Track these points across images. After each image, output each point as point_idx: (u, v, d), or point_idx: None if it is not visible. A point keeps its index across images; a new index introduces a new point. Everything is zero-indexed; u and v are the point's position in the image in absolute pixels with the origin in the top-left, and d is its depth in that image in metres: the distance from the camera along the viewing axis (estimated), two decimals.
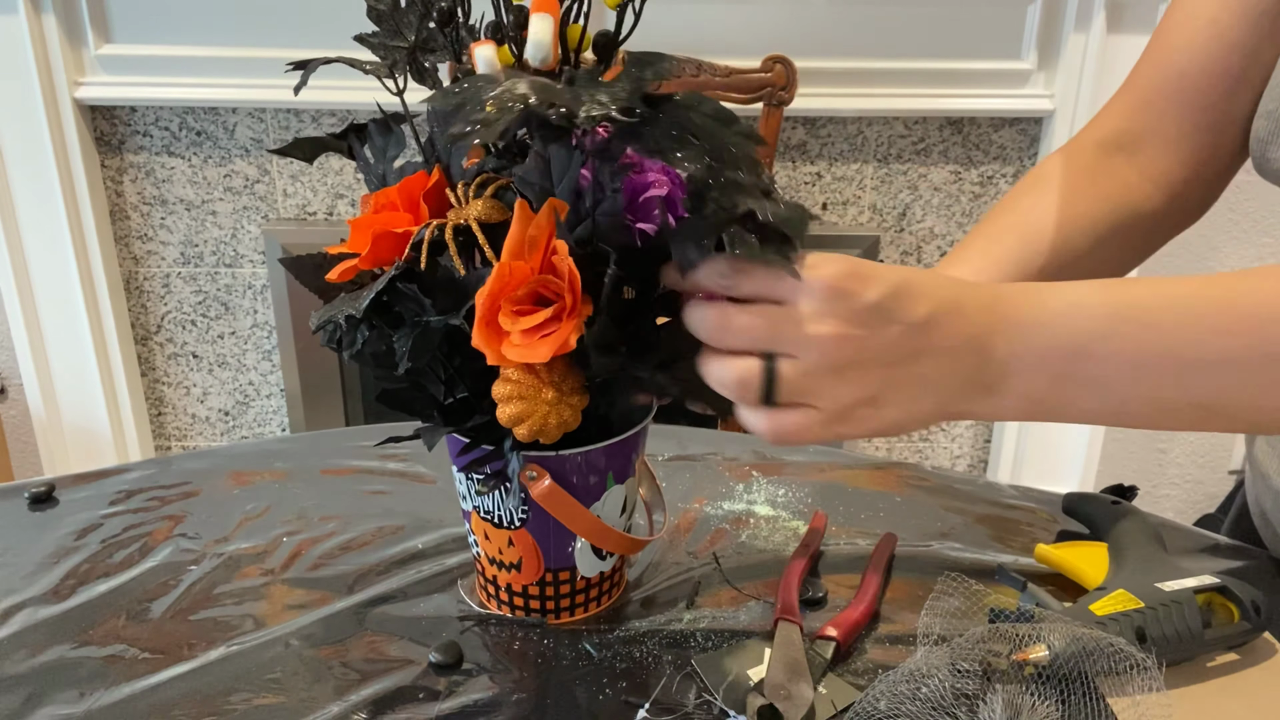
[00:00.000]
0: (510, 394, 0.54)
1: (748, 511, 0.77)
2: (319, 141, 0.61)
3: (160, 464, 0.84)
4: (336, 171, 1.80)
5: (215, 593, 0.67)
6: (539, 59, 0.52)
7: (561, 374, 0.54)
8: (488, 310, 0.51)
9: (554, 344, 0.50)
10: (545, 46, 0.52)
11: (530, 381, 0.53)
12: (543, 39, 0.52)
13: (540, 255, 0.52)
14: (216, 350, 1.93)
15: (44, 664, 0.61)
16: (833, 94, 1.70)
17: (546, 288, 0.52)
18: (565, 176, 0.52)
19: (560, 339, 0.50)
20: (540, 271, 0.52)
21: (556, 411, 0.54)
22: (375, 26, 0.58)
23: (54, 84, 1.69)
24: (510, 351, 0.51)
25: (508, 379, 0.54)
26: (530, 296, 0.52)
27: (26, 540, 0.73)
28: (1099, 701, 0.51)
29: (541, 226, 0.52)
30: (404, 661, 0.61)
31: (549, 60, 0.52)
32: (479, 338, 0.51)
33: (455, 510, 0.76)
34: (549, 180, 0.53)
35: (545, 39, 0.52)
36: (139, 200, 1.82)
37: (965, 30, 1.67)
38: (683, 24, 1.65)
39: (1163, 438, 1.98)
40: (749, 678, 0.58)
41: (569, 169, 0.52)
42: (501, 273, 0.51)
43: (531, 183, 0.53)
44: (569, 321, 0.51)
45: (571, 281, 0.51)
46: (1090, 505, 0.73)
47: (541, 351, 0.50)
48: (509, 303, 0.51)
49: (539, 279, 0.52)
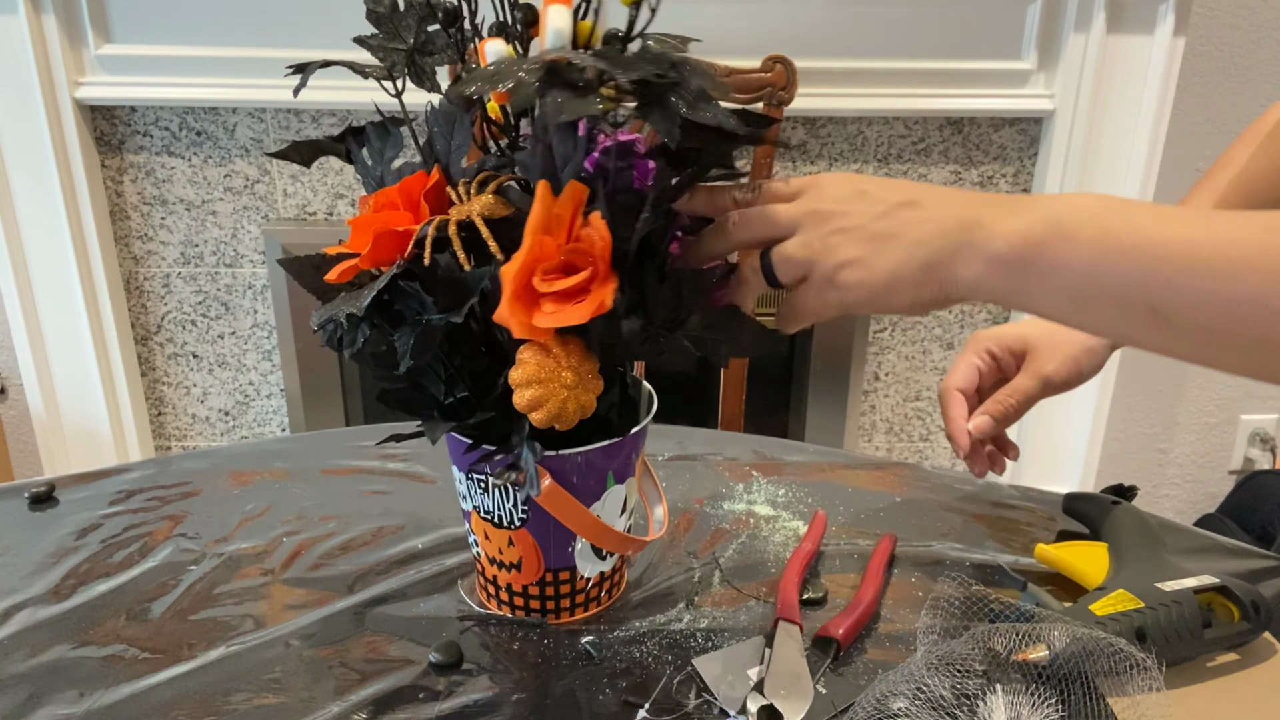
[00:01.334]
0: (528, 378, 0.53)
1: (748, 511, 0.77)
2: (316, 145, 0.61)
3: (160, 464, 0.84)
4: (337, 172, 1.80)
5: (215, 593, 0.67)
6: (560, 45, 0.53)
7: (579, 358, 0.54)
8: (519, 283, 0.51)
9: (591, 306, 0.50)
10: (565, 35, 0.52)
11: (549, 365, 0.53)
12: (562, 27, 0.52)
13: (566, 232, 0.52)
14: (216, 350, 1.93)
15: (44, 664, 0.61)
16: (833, 94, 1.70)
17: (576, 258, 0.52)
18: (570, 163, 0.53)
19: (595, 300, 0.50)
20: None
21: (575, 396, 0.54)
22: (374, 29, 0.58)
23: (54, 84, 1.69)
24: (543, 320, 0.51)
25: (525, 362, 0.53)
26: (560, 268, 0.52)
27: (26, 540, 0.73)
28: (1099, 701, 0.51)
29: (566, 204, 0.52)
30: (404, 661, 0.61)
31: (568, 49, 0.53)
32: (507, 310, 0.51)
33: (455, 510, 0.76)
34: (552, 165, 0.53)
35: (565, 27, 0.52)
36: (139, 200, 1.82)
37: (965, 30, 1.67)
38: (683, 24, 1.64)
39: (1163, 437, 1.98)
40: (749, 678, 0.58)
41: (573, 155, 0.53)
42: (534, 245, 0.51)
43: (534, 169, 0.53)
44: (604, 286, 0.51)
45: (603, 248, 0.51)
46: (1090, 505, 0.73)
47: (579, 313, 0.50)
48: (542, 272, 0.52)
49: (571, 247, 0.52)
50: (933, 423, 1.95)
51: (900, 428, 1.96)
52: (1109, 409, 1.84)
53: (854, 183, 0.56)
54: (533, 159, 0.53)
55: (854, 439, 1.93)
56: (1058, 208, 0.52)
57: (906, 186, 0.55)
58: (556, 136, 0.53)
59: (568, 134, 0.52)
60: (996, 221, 0.53)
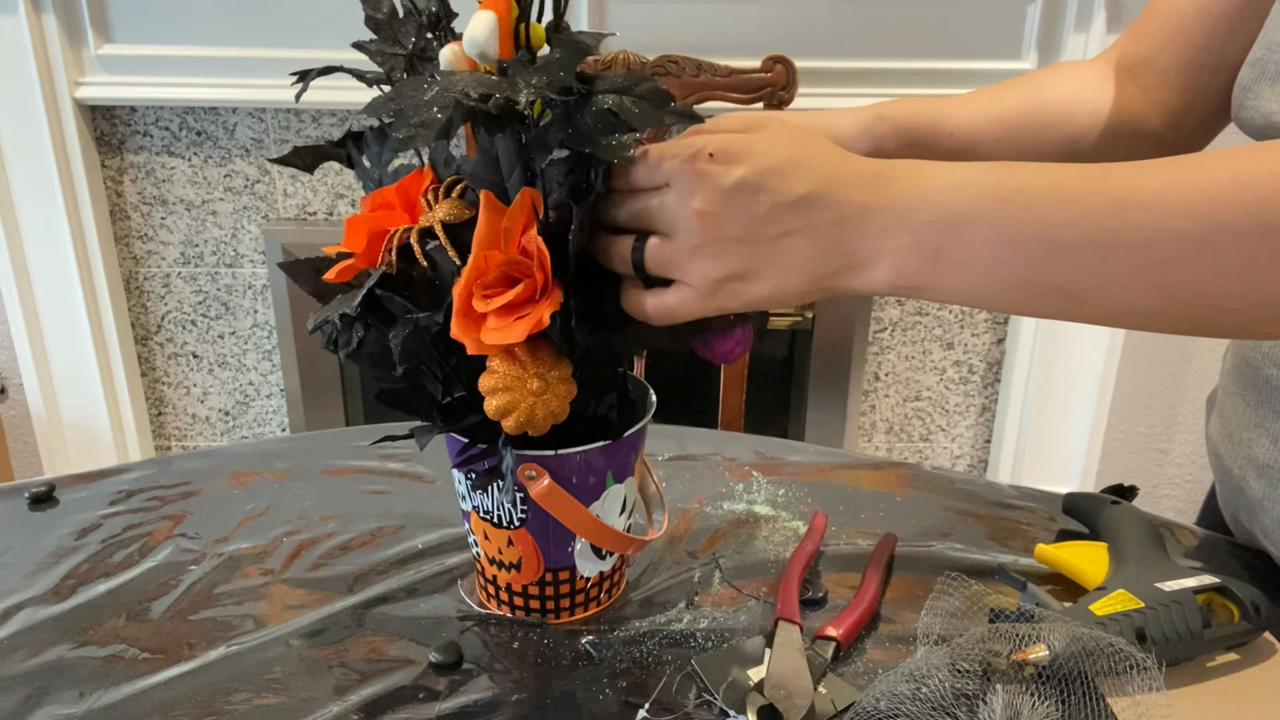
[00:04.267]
0: (495, 385, 0.54)
1: (748, 511, 0.77)
2: (318, 150, 0.61)
3: (160, 464, 0.84)
4: (337, 172, 1.80)
5: (215, 593, 0.67)
6: (477, 54, 0.52)
7: (546, 363, 0.54)
8: (463, 300, 0.51)
9: (529, 323, 0.50)
10: (482, 42, 0.51)
11: (514, 372, 0.53)
12: (477, 35, 0.51)
13: (515, 244, 0.52)
14: (217, 350, 1.93)
15: (44, 664, 0.61)
16: (833, 94, 1.70)
17: (516, 269, 0.52)
18: (515, 169, 0.53)
19: (535, 318, 0.51)
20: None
21: (543, 402, 0.54)
22: (373, 34, 0.58)
23: (54, 84, 1.69)
24: (487, 336, 0.51)
25: (493, 370, 0.54)
26: (502, 280, 0.52)
27: (26, 540, 0.73)
28: (1099, 701, 0.51)
29: (516, 217, 0.52)
30: (404, 661, 0.61)
31: (491, 57, 0.52)
32: (457, 328, 0.51)
33: (455, 510, 0.76)
34: (498, 175, 0.53)
35: (481, 34, 0.51)
36: (139, 200, 1.82)
37: (965, 30, 1.67)
38: (683, 24, 1.65)
39: (1163, 437, 1.98)
40: (749, 678, 0.58)
41: (518, 162, 0.52)
42: (476, 262, 0.51)
43: (481, 178, 0.53)
44: (543, 301, 0.51)
45: (541, 260, 0.51)
46: (1090, 505, 0.73)
47: (517, 331, 0.50)
48: (480, 287, 0.52)
49: (507, 260, 0.52)
50: (932, 423, 1.95)
51: (900, 428, 1.96)
52: (1109, 409, 1.84)
53: (742, 160, 0.50)
54: (478, 168, 0.53)
55: (854, 439, 1.93)
56: (946, 205, 0.49)
57: (799, 172, 0.50)
58: (500, 146, 0.52)
59: (511, 140, 0.52)
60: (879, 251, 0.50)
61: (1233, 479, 0.73)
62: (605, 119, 0.50)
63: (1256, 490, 0.69)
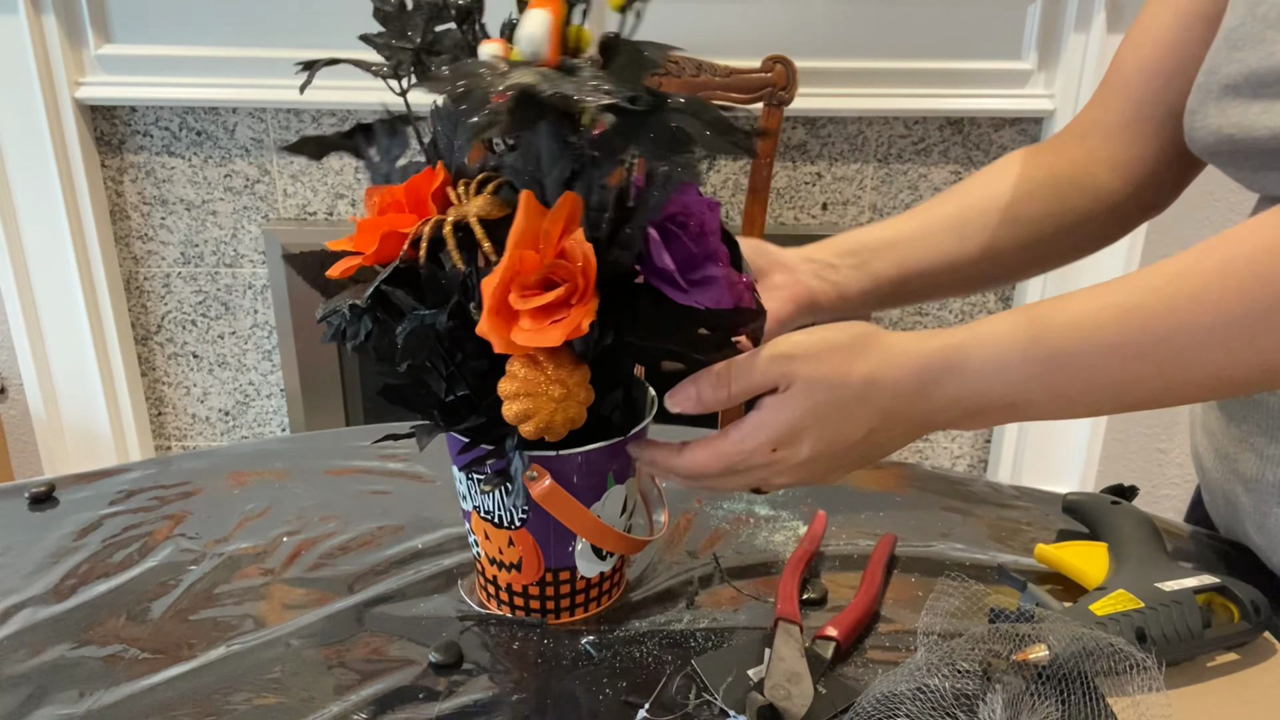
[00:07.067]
0: (516, 390, 0.53)
1: (748, 511, 0.77)
2: (326, 140, 0.61)
3: (160, 464, 0.84)
4: (337, 171, 1.80)
5: (215, 593, 0.67)
6: (530, 53, 0.52)
7: (569, 370, 0.54)
8: (497, 298, 0.51)
9: (566, 328, 0.50)
10: (537, 41, 0.51)
11: (537, 378, 0.53)
12: (534, 33, 0.51)
13: (554, 246, 0.52)
14: (217, 350, 1.93)
15: (44, 664, 0.61)
16: (833, 94, 1.70)
17: (557, 273, 0.52)
18: (556, 168, 0.53)
19: (572, 323, 0.50)
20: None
21: (563, 409, 0.54)
22: (380, 27, 0.58)
23: (54, 84, 1.69)
24: (519, 336, 0.50)
25: (514, 375, 0.53)
26: (541, 284, 0.52)
27: (26, 540, 0.73)
28: (1099, 701, 0.51)
29: (557, 219, 0.52)
30: (404, 661, 0.61)
31: (542, 57, 0.52)
32: (486, 325, 0.51)
33: (455, 510, 0.76)
34: (539, 170, 0.53)
35: (537, 33, 0.51)
36: (139, 200, 1.82)
37: (965, 30, 1.67)
38: (683, 24, 1.65)
39: (1163, 437, 1.98)
40: (749, 678, 0.58)
41: (559, 161, 0.52)
42: (512, 261, 0.51)
43: (521, 172, 0.53)
44: (580, 306, 0.51)
45: (586, 265, 0.51)
46: (1090, 505, 0.73)
47: (553, 335, 0.50)
48: (519, 288, 0.51)
49: (551, 264, 0.51)
50: None
51: None
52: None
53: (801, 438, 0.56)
54: (520, 163, 0.53)
55: None
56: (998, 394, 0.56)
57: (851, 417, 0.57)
58: (544, 144, 0.52)
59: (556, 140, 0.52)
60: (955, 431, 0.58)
61: (1222, 491, 0.74)
62: (674, 135, 0.50)
63: (1247, 503, 0.70)
